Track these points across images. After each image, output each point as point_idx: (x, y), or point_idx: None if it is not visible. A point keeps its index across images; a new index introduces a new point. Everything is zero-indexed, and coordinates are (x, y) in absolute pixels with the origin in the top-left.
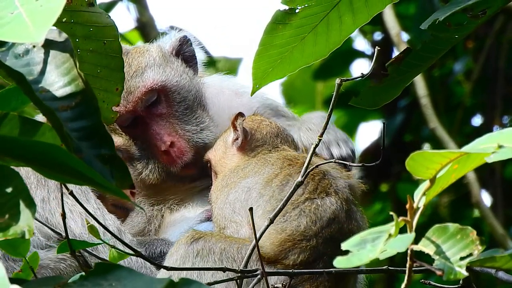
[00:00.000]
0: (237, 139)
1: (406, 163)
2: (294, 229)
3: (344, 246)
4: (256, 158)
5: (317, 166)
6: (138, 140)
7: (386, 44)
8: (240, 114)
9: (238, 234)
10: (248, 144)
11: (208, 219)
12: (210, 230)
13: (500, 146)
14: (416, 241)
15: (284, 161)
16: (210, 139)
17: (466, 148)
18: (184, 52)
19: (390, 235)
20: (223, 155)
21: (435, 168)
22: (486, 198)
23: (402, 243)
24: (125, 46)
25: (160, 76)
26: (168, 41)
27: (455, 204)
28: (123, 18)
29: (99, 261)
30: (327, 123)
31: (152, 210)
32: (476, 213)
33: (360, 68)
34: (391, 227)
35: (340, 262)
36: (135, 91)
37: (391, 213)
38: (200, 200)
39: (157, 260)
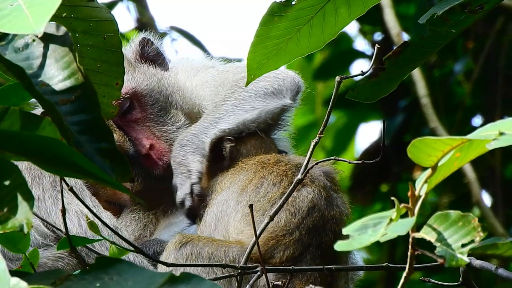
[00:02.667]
0: (224, 159)
1: (408, 150)
2: (275, 225)
3: (345, 231)
4: (233, 168)
5: (317, 164)
6: None
7: (386, 44)
8: (229, 140)
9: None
10: (234, 160)
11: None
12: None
13: (501, 133)
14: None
15: (258, 165)
16: None
17: (468, 136)
18: (148, 53)
19: (391, 220)
20: (207, 170)
21: (436, 155)
22: (486, 198)
23: (403, 227)
24: None
25: (129, 83)
26: (129, 48)
27: (455, 204)
28: (123, 18)
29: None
30: (327, 121)
31: (148, 215)
32: (476, 213)
33: (360, 68)
34: (392, 213)
35: (341, 246)
36: None
37: (392, 198)
38: None
39: (150, 261)
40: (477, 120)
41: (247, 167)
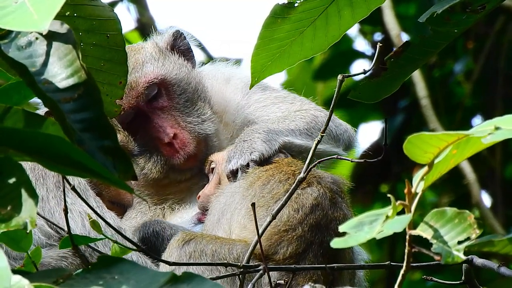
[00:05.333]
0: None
1: (404, 147)
2: (277, 220)
3: (341, 228)
4: None
5: (319, 163)
6: (140, 135)
7: (386, 44)
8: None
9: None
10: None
11: (200, 221)
12: (201, 232)
13: (497, 128)
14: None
15: (271, 164)
16: (211, 130)
17: (464, 131)
18: (179, 46)
19: (387, 217)
20: None
21: (433, 152)
22: (486, 199)
23: (400, 224)
24: None
25: (159, 70)
26: (161, 37)
27: (455, 204)
28: (123, 18)
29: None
30: (329, 118)
31: (155, 209)
32: (476, 213)
33: (360, 69)
34: (388, 210)
35: (337, 243)
36: (136, 86)
37: (388, 195)
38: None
39: (151, 240)
40: (477, 120)
41: (261, 167)
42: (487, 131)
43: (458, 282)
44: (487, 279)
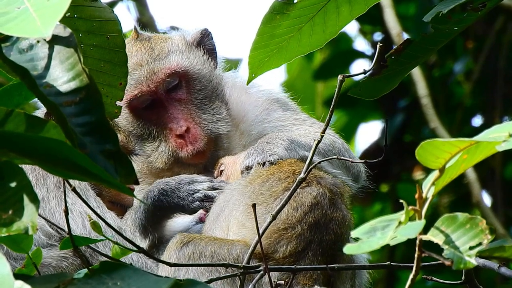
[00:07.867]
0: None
1: (416, 152)
2: (276, 218)
3: (354, 234)
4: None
5: (319, 163)
6: (153, 122)
7: (386, 44)
8: None
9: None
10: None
11: (202, 220)
12: (199, 234)
13: (511, 135)
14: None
15: (271, 165)
16: (224, 131)
17: (476, 137)
18: (205, 44)
19: (400, 223)
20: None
21: (444, 157)
22: (486, 198)
23: (412, 230)
24: (145, 33)
25: (183, 61)
26: (189, 32)
27: (455, 204)
28: (123, 18)
29: (101, 258)
30: (329, 118)
31: None
32: (477, 213)
33: (360, 68)
34: (400, 215)
35: (350, 249)
36: (158, 72)
37: (401, 201)
38: None
39: (157, 201)
40: (477, 120)
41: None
42: (500, 137)
43: (458, 282)
44: (488, 280)
